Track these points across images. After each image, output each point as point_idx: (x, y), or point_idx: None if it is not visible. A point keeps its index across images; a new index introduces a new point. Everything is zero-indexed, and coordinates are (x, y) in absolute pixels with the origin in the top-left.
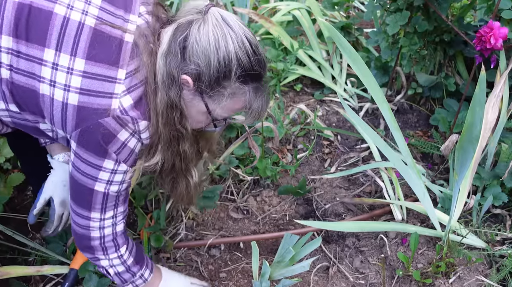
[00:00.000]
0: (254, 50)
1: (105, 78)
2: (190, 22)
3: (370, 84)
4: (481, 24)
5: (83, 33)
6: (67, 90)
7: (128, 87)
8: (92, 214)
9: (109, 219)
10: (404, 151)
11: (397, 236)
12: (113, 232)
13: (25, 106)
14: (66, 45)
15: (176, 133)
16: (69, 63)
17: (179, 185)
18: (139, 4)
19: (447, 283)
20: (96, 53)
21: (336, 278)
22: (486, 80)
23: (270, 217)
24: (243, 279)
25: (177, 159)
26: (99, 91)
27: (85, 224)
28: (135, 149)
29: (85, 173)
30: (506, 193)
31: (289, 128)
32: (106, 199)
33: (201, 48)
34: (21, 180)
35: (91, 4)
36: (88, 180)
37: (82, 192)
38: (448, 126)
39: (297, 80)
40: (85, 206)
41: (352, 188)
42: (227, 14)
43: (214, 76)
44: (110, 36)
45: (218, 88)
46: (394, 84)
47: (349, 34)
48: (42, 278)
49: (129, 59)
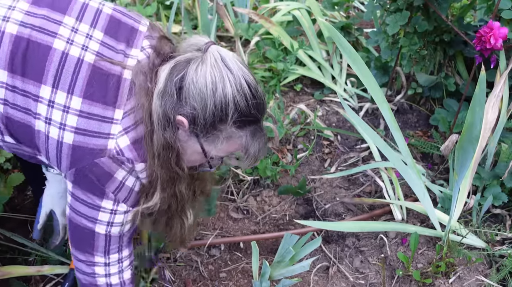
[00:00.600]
0: (253, 94)
1: (101, 118)
2: (188, 61)
3: (370, 84)
4: (481, 24)
5: (82, 70)
6: (63, 129)
7: (125, 127)
8: (96, 258)
9: (114, 265)
10: (404, 151)
11: (397, 236)
12: (120, 280)
13: (22, 139)
14: (63, 82)
15: (172, 174)
16: (65, 101)
17: (173, 226)
18: (143, 38)
19: (447, 283)
20: (93, 91)
21: (336, 278)
22: (486, 80)
23: (270, 217)
24: (243, 279)
25: (173, 199)
26: (95, 131)
27: (90, 271)
28: (134, 187)
29: (84, 214)
30: (506, 193)
31: (289, 128)
32: (109, 241)
33: (198, 91)
34: (21, 180)
35: (92, 39)
36: (88, 222)
37: (83, 236)
38: (448, 126)
39: (297, 80)
40: (87, 250)
41: (352, 188)
42: (226, 54)
43: (209, 120)
44: (109, 73)
45: (213, 131)
46: (394, 84)
47: (349, 34)
48: (42, 278)
49: (126, 98)
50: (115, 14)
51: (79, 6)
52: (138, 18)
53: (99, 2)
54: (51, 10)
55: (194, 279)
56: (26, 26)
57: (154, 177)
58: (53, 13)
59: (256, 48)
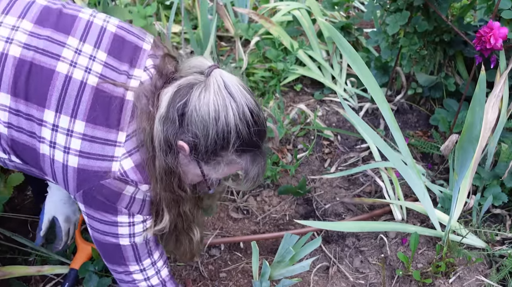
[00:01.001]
0: (255, 121)
1: (105, 141)
2: (191, 87)
3: (370, 84)
4: (481, 24)
5: (85, 94)
6: (67, 153)
7: (129, 150)
8: (131, 267)
9: (150, 268)
10: (404, 151)
11: (397, 236)
12: (160, 279)
13: (28, 161)
14: (66, 106)
15: (175, 197)
16: (69, 125)
17: (182, 244)
18: (146, 57)
19: (447, 283)
20: (96, 115)
21: (336, 278)
22: (486, 80)
23: (270, 217)
24: (243, 279)
25: (179, 219)
26: (99, 154)
27: (130, 279)
28: (146, 198)
29: (105, 231)
30: (506, 193)
31: (289, 128)
32: (137, 249)
33: (200, 118)
34: (21, 180)
35: (96, 60)
36: (111, 238)
37: (111, 251)
38: (448, 126)
39: (297, 80)
40: (120, 263)
41: (352, 188)
42: (229, 80)
43: (211, 147)
44: (112, 95)
45: (214, 157)
46: (394, 84)
47: (349, 34)
48: (42, 278)
49: (129, 121)
50: (119, 32)
51: (83, 25)
52: (143, 36)
53: (103, 19)
54: (55, 30)
55: (194, 279)
56: (29, 49)
57: (158, 199)
58: (56, 34)
59: (256, 48)
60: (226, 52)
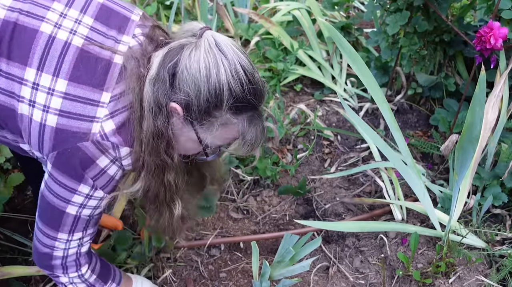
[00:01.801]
0: (249, 79)
1: (87, 101)
2: (182, 47)
3: (370, 84)
4: (481, 24)
5: (68, 53)
6: (46, 111)
7: (112, 111)
8: (60, 235)
9: (76, 241)
10: (404, 151)
11: (397, 236)
12: (77, 252)
13: (4, 124)
14: (49, 65)
15: (161, 163)
16: (50, 83)
17: (161, 215)
18: (135, 26)
19: (447, 283)
20: (80, 74)
21: (336, 278)
22: (486, 80)
23: (270, 217)
24: (243, 279)
25: (161, 188)
26: (79, 114)
27: (50, 243)
28: (115, 176)
29: (58, 194)
30: (506, 193)
31: (289, 128)
32: (77, 221)
33: (191, 77)
34: (21, 180)
35: (81, 24)
36: (61, 202)
37: (52, 213)
38: (448, 126)
39: (297, 80)
40: (53, 227)
41: (352, 188)
42: (221, 39)
43: (204, 106)
44: (98, 57)
45: (208, 118)
46: (394, 84)
47: (349, 34)
48: (42, 278)
49: (115, 83)
50: (106, 3)
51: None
52: (131, 8)
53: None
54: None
55: (194, 279)
56: (13, 11)
57: (140, 164)
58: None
59: (256, 48)
60: None
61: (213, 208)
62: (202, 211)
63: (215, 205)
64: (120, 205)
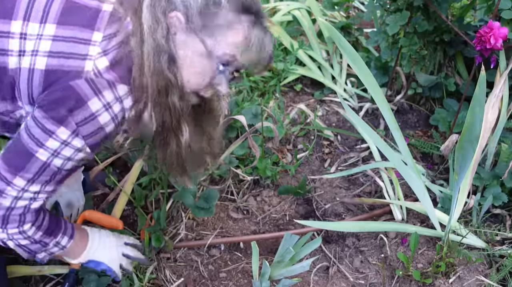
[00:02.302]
0: None
1: (78, 40)
2: None
3: (370, 84)
4: (481, 24)
5: (54, 3)
6: (35, 55)
7: (104, 49)
8: (16, 180)
9: (30, 193)
10: (404, 151)
11: (397, 236)
12: (26, 206)
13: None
14: (35, 15)
15: (164, 83)
16: (38, 30)
17: (169, 145)
18: None
19: (447, 283)
20: (69, 19)
21: (336, 278)
22: (486, 80)
23: (270, 217)
24: (243, 279)
25: (167, 113)
26: (71, 52)
27: (1, 188)
28: (105, 127)
29: (34, 136)
30: (506, 193)
31: (289, 128)
32: (42, 171)
33: None
34: None
35: None
36: (34, 144)
37: (20, 154)
38: (448, 126)
39: (297, 80)
40: (14, 169)
41: (352, 188)
42: None
43: (203, 7)
44: (86, 6)
45: (211, 20)
46: (394, 84)
47: (349, 34)
48: (42, 278)
49: (106, 24)
50: None
51: None
52: None
53: None
54: None
55: (194, 279)
56: None
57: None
58: None
59: None
60: None
61: (212, 209)
62: (202, 212)
63: (213, 206)
64: (120, 205)
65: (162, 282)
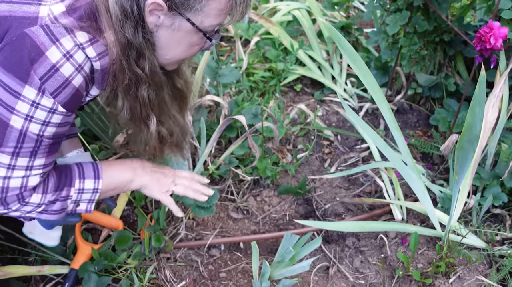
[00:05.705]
0: None
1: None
2: None
3: (370, 84)
4: (481, 24)
5: None
6: None
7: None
8: (0, 156)
9: (20, 169)
10: (404, 151)
11: (397, 236)
12: (22, 185)
13: None
14: None
15: (134, 77)
16: None
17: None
18: None
19: (447, 283)
20: None
21: (336, 278)
22: (486, 80)
23: (270, 217)
24: (243, 279)
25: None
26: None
27: None
28: (72, 79)
29: (2, 100)
30: (506, 193)
31: (289, 128)
32: (22, 139)
33: None
34: None
35: None
36: (5, 110)
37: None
38: (448, 126)
39: (297, 80)
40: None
41: (352, 188)
42: None
43: None
44: None
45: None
46: (394, 84)
47: (349, 34)
48: (42, 278)
49: None
50: None
51: None
52: None
53: None
54: None
55: (194, 279)
56: None
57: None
58: None
59: (256, 48)
60: (226, 52)
61: (213, 208)
62: (202, 211)
63: (214, 205)
64: (120, 205)
65: (162, 282)
